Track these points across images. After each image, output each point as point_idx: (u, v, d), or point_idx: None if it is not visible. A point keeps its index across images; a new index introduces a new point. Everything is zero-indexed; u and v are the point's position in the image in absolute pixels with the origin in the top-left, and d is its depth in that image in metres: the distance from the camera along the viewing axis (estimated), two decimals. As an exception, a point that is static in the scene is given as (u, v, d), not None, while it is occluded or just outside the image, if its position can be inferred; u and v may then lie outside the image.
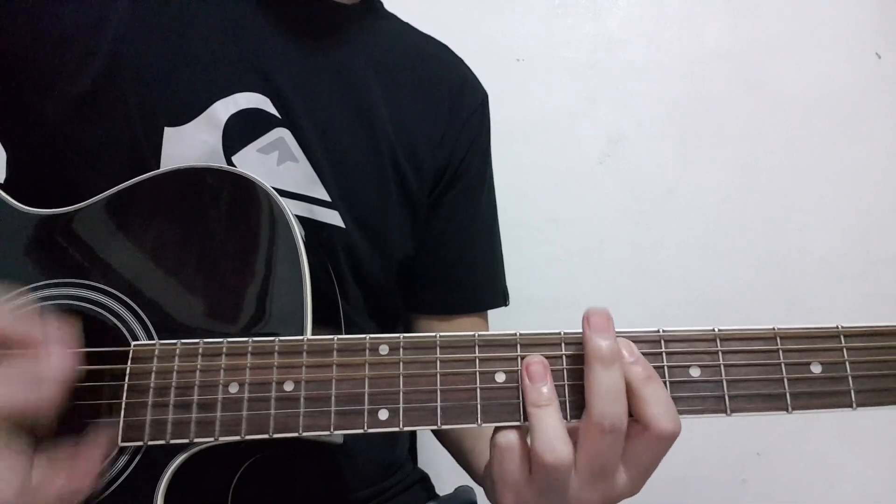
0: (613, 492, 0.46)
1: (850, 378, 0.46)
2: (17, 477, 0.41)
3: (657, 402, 0.44)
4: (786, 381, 0.46)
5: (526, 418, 0.45)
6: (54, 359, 0.42)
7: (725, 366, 0.47)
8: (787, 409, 0.46)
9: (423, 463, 0.89)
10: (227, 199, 0.56)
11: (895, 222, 1.30)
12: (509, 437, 0.46)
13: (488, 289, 0.82)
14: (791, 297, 1.27)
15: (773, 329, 0.47)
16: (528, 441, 0.45)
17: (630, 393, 0.44)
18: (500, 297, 0.83)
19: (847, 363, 0.47)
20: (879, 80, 1.31)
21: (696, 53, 1.30)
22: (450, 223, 0.78)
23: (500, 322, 0.83)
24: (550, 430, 0.44)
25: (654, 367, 0.46)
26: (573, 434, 0.45)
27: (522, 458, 0.46)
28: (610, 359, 0.44)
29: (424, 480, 0.83)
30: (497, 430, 0.47)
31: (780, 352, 0.47)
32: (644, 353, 0.46)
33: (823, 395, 0.46)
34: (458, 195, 0.78)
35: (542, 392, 0.45)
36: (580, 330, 0.47)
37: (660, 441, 0.44)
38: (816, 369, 0.47)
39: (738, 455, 1.28)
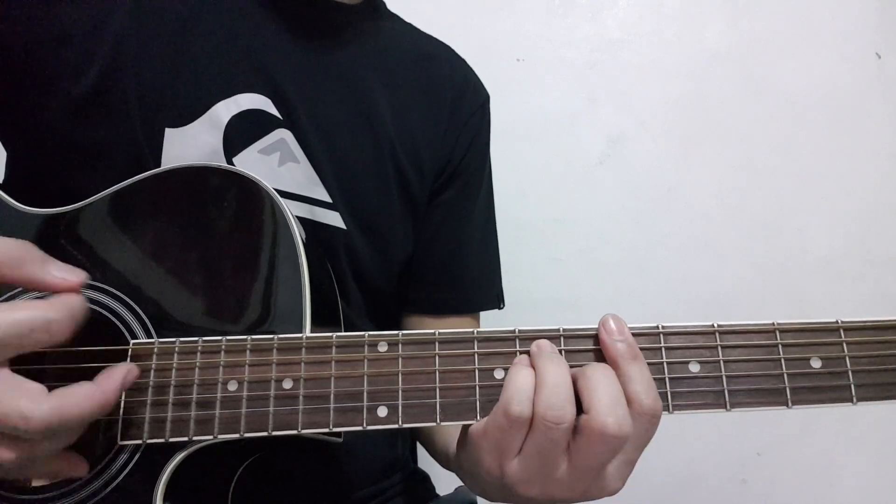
0: (602, 487, 0.46)
1: (850, 372, 0.46)
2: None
3: (640, 381, 0.44)
4: (785, 375, 0.46)
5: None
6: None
7: (725, 361, 0.47)
8: (786, 404, 0.46)
9: (423, 463, 0.89)
10: (227, 198, 0.56)
11: (895, 222, 1.30)
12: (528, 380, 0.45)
13: (480, 290, 0.81)
14: (791, 297, 1.27)
15: (773, 324, 0.47)
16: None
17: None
18: (493, 300, 0.82)
19: (847, 357, 0.47)
20: (879, 80, 1.31)
21: (696, 53, 1.30)
22: (444, 222, 0.77)
23: (499, 322, 0.83)
24: (557, 385, 0.44)
25: (654, 363, 0.46)
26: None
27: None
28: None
29: (425, 480, 0.83)
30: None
31: (780, 346, 0.47)
32: (643, 348, 0.46)
33: (823, 389, 0.46)
34: (454, 195, 0.77)
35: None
36: (579, 325, 0.47)
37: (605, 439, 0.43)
38: (816, 364, 0.47)
39: (738, 455, 1.27)
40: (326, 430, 0.47)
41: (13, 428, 0.40)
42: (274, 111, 0.65)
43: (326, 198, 0.67)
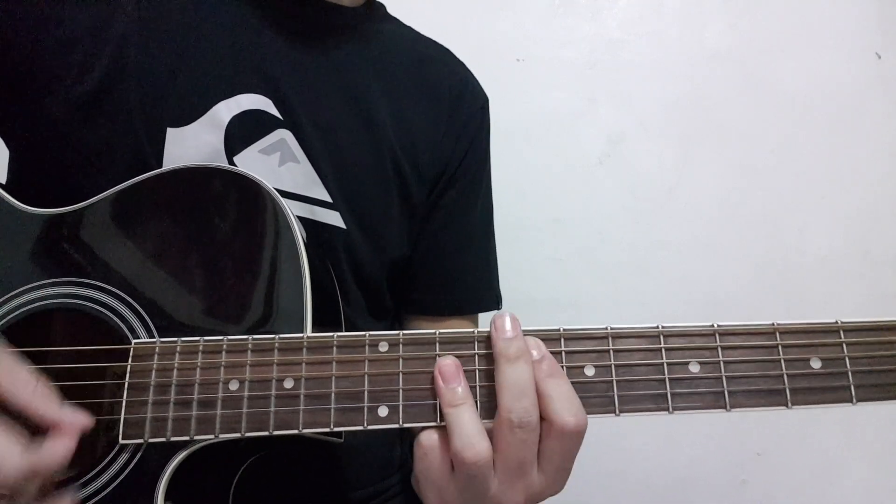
0: (533, 489, 0.47)
1: (849, 373, 0.46)
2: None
3: (559, 398, 0.45)
4: (785, 376, 0.46)
5: (443, 419, 0.46)
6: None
7: (725, 361, 0.47)
8: (786, 405, 0.46)
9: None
10: (229, 199, 0.56)
11: (895, 222, 1.30)
12: (432, 437, 0.47)
13: (480, 292, 0.82)
14: (791, 297, 1.27)
15: (773, 324, 0.47)
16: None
17: (536, 390, 0.46)
18: (492, 301, 0.82)
19: (847, 358, 0.47)
20: (879, 80, 1.31)
21: (696, 53, 1.30)
22: (444, 225, 0.78)
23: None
24: (467, 428, 0.45)
25: (654, 364, 0.46)
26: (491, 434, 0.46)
27: (444, 457, 0.47)
28: (514, 356, 0.46)
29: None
30: (421, 429, 0.48)
31: (780, 347, 0.47)
32: (643, 349, 0.46)
33: (823, 390, 0.46)
34: (454, 198, 0.78)
35: (457, 392, 0.46)
36: (581, 326, 0.48)
37: (565, 436, 0.45)
38: (816, 364, 0.47)
39: (738, 455, 1.27)
40: (327, 429, 0.47)
41: None
42: (274, 111, 0.65)
43: (326, 197, 0.67)
